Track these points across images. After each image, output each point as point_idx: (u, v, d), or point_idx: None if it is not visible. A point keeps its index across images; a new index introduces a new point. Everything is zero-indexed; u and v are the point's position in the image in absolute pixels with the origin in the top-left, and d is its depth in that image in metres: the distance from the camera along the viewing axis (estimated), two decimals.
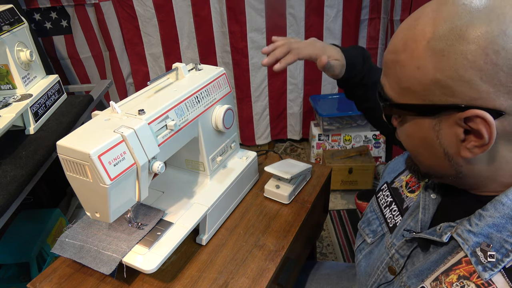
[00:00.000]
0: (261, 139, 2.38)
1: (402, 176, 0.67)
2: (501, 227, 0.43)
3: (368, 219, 0.69)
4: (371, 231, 0.67)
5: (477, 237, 0.45)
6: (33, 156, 1.04)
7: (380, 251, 0.62)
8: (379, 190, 0.70)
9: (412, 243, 0.55)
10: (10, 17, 1.17)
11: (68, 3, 1.90)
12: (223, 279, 0.70)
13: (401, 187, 0.65)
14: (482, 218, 0.45)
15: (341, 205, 1.94)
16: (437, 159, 0.46)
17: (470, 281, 0.44)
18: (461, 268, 0.46)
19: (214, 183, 0.83)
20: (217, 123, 0.80)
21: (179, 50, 2.11)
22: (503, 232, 0.43)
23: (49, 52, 2.02)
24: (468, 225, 0.46)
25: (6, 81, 1.18)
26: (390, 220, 0.63)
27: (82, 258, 0.69)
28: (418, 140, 0.47)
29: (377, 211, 0.68)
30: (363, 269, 0.66)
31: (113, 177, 0.57)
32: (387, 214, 0.64)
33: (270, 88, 2.21)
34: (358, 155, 1.96)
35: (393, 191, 0.66)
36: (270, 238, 0.79)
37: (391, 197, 0.65)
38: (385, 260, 0.60)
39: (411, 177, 0.64)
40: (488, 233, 0.44)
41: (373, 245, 0.65)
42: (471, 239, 0.45)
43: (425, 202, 0.56)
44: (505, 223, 0.43)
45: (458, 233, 0.47)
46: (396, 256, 0.57)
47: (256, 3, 1.93)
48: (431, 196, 0.55)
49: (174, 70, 0.80)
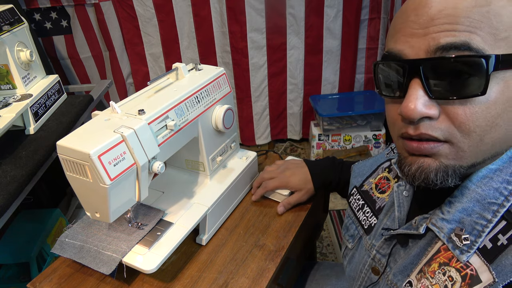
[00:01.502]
0: (261, 139, 2.38)
1: (371, 179, 0.68)
2: (470, 211, 0.45)
3: (346, 224, 0.70)
4: (350, 236, 0.68)
5: (450, 223, 0.47)
6: (33, 156, 1.04)
7: (360, 254, 0.63)
8: (350, 195, 0.71)
9: (391, 241, 0.56)
10: (10, 17, 1.17)
11: (68, 3, 1.90)
12: (223, 279, 0.70)
13: (371, 189, 0.66)
14: (452, 204, 0.47)
15: (341, 205, 1.94)
16: (510, 126, 0.43)
17: (450, 266, 0.46)
18: (441, 256, 0.47)
19: (214, 183, 0.83)
20: (217, 123, 0.80)
21: (179, 50, 2.11)
22: (472, 215, 0.45)
23: (49, 52, 2.02)
24: (440, 213, 0.48)
25: (6, 81, 1.18)
26: (364, 222, 0.64)
27: (82, 258, 0.69)
28: (502, 106, 0.41)
29: (351, 215, 0.69)
30: (348, 274, 0.68)
31: (113, 177, 0.57)
32: (361, 217, 0.65)
33: (270, 88, 2.21)
34: (358, 155, 1.96)
35: (363, 193, 0.67)
36: (270, 238, 0.79)
37: (362, 199, 0.67)
38: (367, 262, 0.61)
39: (380, 179, 0.65)
40: (459, 218, 0.46)
41: (354, 250, 0.67)
42: (445, 226, 0.47)
43: (399, 200, 0.57)
44: (473, 206, 0.45)
45: (433, 222, 0.48)
46: (378, 256, 0.58)
47: (256, 3, 1.93)
48: (404, 194, 0.57)
49: (174, 70, 0.80)
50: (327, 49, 2.13)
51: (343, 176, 0.84)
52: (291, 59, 2.13)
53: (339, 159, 0.88)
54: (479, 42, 0.39)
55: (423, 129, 0.43)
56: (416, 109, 0.42)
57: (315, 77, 2.21)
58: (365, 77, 2.26)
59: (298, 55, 2.13)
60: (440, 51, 0.40)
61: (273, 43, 2.07)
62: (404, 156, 0.48)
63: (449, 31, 0.40)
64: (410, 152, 0.46)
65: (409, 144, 0.45)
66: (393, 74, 0.45)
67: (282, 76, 2.19)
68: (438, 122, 0.42)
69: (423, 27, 0.41)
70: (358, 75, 2.25)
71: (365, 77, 2.26)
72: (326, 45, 2.11)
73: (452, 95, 0.41)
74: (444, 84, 0.41)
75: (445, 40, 0.40)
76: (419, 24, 0.42)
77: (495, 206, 0.44)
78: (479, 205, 0.45)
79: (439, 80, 0.41)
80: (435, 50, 0.40)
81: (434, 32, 0.40)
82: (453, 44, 0.39)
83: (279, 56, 2.11)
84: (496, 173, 0.45)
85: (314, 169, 0.85)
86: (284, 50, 2.10)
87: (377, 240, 0.59)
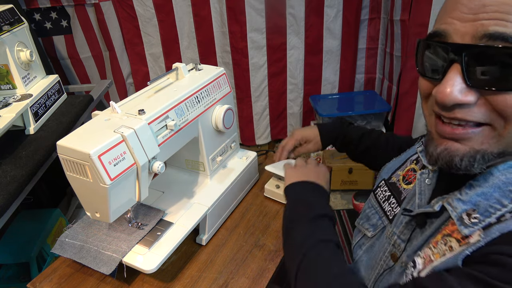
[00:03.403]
0: (261, 139, 2.38)
1: (399, 171, 0.68)
2: (488, 195, 0.45)
3: (367, 215, 0.70)
4: (371, 225, 0.67)
5: (465, 204, 0.47)
6: (33, 156, 1.04)
7: (381, 243, 0.62)
8: (377, 187, 0.70)
9: (411, 225, 0.56)
10: (10, 17, 1.17)
11: (68, 3, 1.90)
12: (223, 279, 0.70)
13: (398, 181, 0.66)
14: (472, 188, 0.47)
15: (341, 205, 1.94)
16: None
17: (451, 237, 0.47)
18: (446, 229, 0.48)
19: (214, 183, 0.83)
20: (217, 123, 0.80)
21: (179, 50, 2.11)
22: (490, 200, 0.45)
23: (49, 52, 2.02)
24: (458, 194, 0.48)
25: (6, 81, 1.18)
26: (389, 213, 0.64)
27: (82, 258, 0.69)
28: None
29: (375, 206, 0.68)
30: (365, 263, 0.66)
31: (113, 177, 0.57)
32: (386, 208, 0.65)
33: (270, 88, 2.21)
34: None
35: (390, 185, 0.67)
36: (270, 238, 0.79)
37: (389, 191, 0.66)
38: (387, 249, 0.60)
39: (407, 171, 0.65)
40: (476, 201, 0.46)
41: (374, 238, 0.66)
42: (459, 206, 0.47)
43: (421, 188, 0.57)
44: (493, 192, 0.45)
45: (449, 202, 0.49)
46: (398, 242, 0.58)
47: (256, 3, 1.93)
48: (426, 182, 0.57)
49: (174, 70, 0.80)
50: (327, 49, 2.12)
51: (349, 134, 0.89)
52: (291, 59, 2.13)
53: (348, 121, 0.93)
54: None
55: (458, 114, 0.42)
56: (452, 95, 0.41)
57: (315, 77, 2.21)
58: (365, 77, 2.26)
59: (298, 55, 2.12)
60: (486, 38, 0.39)
61: (273, 43, 2.07)
62: (433, 137, 0.48)
63: (499, 20, 0.38)
64: (442, 135, 0.46)
65: (442, 128, 0.45)
66: (435, 55, 0.44)
67: (282, 76, 2.19)
68: (477, 107, 0.42)
69: (473, 12, 0.40)
70: (358, 75, 2.25)
71: (365, 77, 2.26)
72: (326, 45, 2.11)
73: (492, 85, 0.40)
74: (486, 73, 0.40)
75: (494, 28, 0.38)
76: (469, 9, 0.40)
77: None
78: (499, 191, 0.45)
79: (481, 68, 0.40)
80: (482, 37, 0.39)
81: (484, 19, 0.39)
82: (502, 34, 0.38)
83: (279, 56, 2.11)
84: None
85: (323, 127, 0.92)
86: (284, 50, 2.10)
87: (398, 227, 0.59)
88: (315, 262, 0.57)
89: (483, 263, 0.42)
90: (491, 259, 0.41)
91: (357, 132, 0.88)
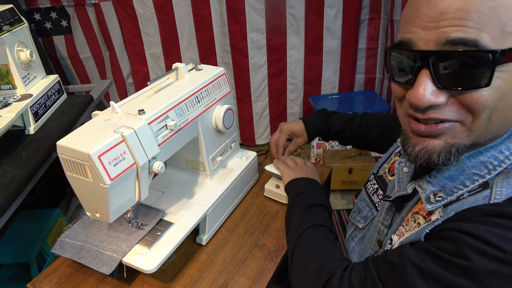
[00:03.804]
0: (261, 139, 2.38)
1: (386, 164, 0.72)
2: (454, 178, 0.50)
3: (359, 208, 0.75)
4: (362, 217, 0.73)
5: (433, 186, 0.52)
6: (33, 156, 1.04)
7: (371, 233, 0.68)
8: (367, 181, 0.76)
9: (392, 211, 0.62)
10: (10, 17, 1.17)
11: (68, 3, 1.90)
12: (223, 279, 0.70)
13: (384, 173, 0.71)
14: (440, 171, 0.52)
15: (341, 205, 1.95)
16: (510, 110, 0.46)
17: (419, 214, 0.53)
18: (416, 207, 0.55)
19: (214, 183, 0.83)
20: (217, 123, 0.80)
21: (179, 50, 2.11)
22: (455, 182, 0.50)
23: (49, 52, 2.02)
24: (428, 177, 0.53)
25: (6, 81, 1.18)
26: (378, 204, 0.69)
27: (82, 258, 0.69)
28: (506, 90, 0.43)
29: (366, 199, 0.73)
30: (358, 254, 0.71)
31: (113, 177, 0.57)
32: (375, 199, 0.70)
33: (270, 88, 2.21)
34: (358, 155, 1.96)
35: (378, 178, 0.72)
36: (270, 238, 0.79)
37: (377, 184, 0.72)
38: (375, 237, 0.66)
39: (392, 163, 0.69)
40: (444, 183, 0.51)
41: (365, 230, 0.71)
42: (428, 188, 0.53)
43: (399, 176, 0.61)
44: (458, 175, 0.50)
45: (420, 184, 0.54)
46: (382, 228, 0.64)
47: (256, 3, 1.93)
48: (404, 170, 0.61)
49: (174, 70, 0.80)
50: (327, 49, 2.13)
51: (332, 127, 0.95)
52: (291, 59, 2.13)
53: (330, 111, 0.98)
54: (487, 40, 0.41)
55: (432, 114, 0.46)
56: (424, 98, 0.44)
57: (315, 77, 2.21)
58: (365, 77, 2.26)
59: (298, 55, 2.13)
60: (449, 44, 0.42)
61: (273, 43, 2.07)
62: (409, 136, 0.51)
63: (459, 26, 0.41)
64: (417, 133, 0.49)
65: (416, 127, 0.48)
66: (404, 62, 0.48)
67: (282, 76, 2.19)
68: (448, 107, 0.45)
69: (434, 20, 0.43)
70: (358, 75, 2.26)
71: (365, 77, 2.26)
72: (326, 45, 2.11)
73: (458, 85, 0.43)
74: (452, 75, 0.43)
75: (456, 35, 0.41)
76: (430, 17, 0.43)
77: (476, 177, 0.49)
78: (464, 174, 0.50)
79: (447, 71, 0.43)
80: (445, 43, 0.42)
81: (445, 26, 0.42)
82: (462, 39, 0.41)
83: (279, 56, 2.11)
84: (487, 149, 0.49)
85: (307, 121, 0.97)
86: (284, 50, 2.10)
87: (381, 214, 0.64)
88: (303, 246, 0.65)
89: (438, 238, 0.47)
90: (444, 234, 0.46)
91: (339, 122, 0.94)
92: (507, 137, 0.48)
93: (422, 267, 0.45)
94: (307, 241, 0.66)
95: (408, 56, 0.46)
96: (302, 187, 0.78)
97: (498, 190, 0.46)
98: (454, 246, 0.44)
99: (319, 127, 0.96)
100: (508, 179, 0.46)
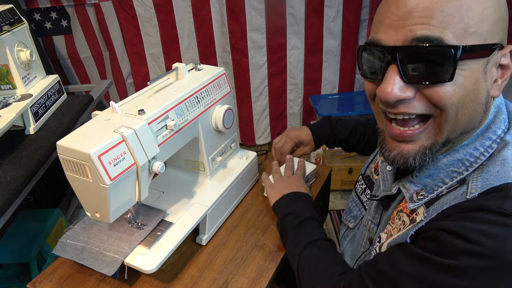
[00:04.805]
0: (261, 139, 2.38)
1: (372, 164, 0.75)
2: (435, 176, 0.53)
3: (349, 208, 0.77)
4: (352, 217, 0.75)
5: (416, 186, 0.55)
6: (33, 156, 1.04)
7: (361, 231, 0.70)
8: (356, 182, 0.78)
9: (380, 209, 0.65)
10: (10, 17, 1.17)
11: (68, 3, 1.90)
12: (223, 279, 0.70)
13: (371, 173, 0.73)
14: (421, 171, 0.55)
15: (341, 205, 1.94)
16: (478, 106, 0.49)
17: (403, 212, 0.56)
18: (400, 206, 0.58)
19: (214, 183, 0.83)
20: (217, 123, 0.80)
21: (179, 50, 2.11)
22: (436, 180, 0.53)
23: (49, 52, 2.02)
24: (410, 177, 0.57)
25: (6, 81, 1.18)
26: (366, 204, 0.71)
27: (84, 259, 0.68)
28: (469, 88, 0.46)
29: (355, 199, 0.76)
30: (350, 253, 0.73)
31: (113, 177, 0.57)
32: (363, 199, 0.73)
33: (270, 88, 2.21)
34: (358, 155, 1.96)
35: (366, 178, 0.75)
36: (270, 238, 0.79)
37: (364, 184, 0.74)
38: (365, 235, 0.68)
39: (378, 163, 0.70)
40: (425, 182, 0.54)
41: (355, 229, 0.73)
42: (411, 187, 0.56)
43: (383, 175, 0.64)
44: (438, 173, 0.53)
45: (403, 184, 0.58)
46: (371, 226, 0.66)
47: (256, 3, 1.93)
48: (387, 168, 0.63)
49: (174, 70, 0.80)
50: (327, 49, 2.12)
51: (338, 135, 0.96)
52: (291, 59, 2.13)
53: (334, 118, 0.99)
54: (450, 38, 0.44)
55: (402, 109, 0.49)
56: (392, 93, 0.47)
57: (315, 77, 2.21)
58: None
59: (298, 55, 2.12)
60: (415, 41, 0.45)
61: (273, 43, 2.07)
62: (386, 140, 0.54)
63: (424, 24, 0.44)
64: (393, 137, 0.52)
65: (392, 131, 0.51)
66: (374, 60, 0.50)
67: (282, 76, 2.18)
68: (416, 101, 0.48)
69: (402, 19, 0.46)
70: (358, 75, 2.25)
71: None
72: (326, 45, 2.11)
73: (424, 80, 0.46)
74: (418, 70, 0.46)
75: (421, 32, 0.44)
76: (398, 16, 0.46)
77: (455, 174, 0.52)
78: (443, 172, 0.53)
79: (413, 66, 0.46)
80: (412, 40, 0.45)
81: (412, 24, 0.45)
82: (427, 37, 0.44)
83: (279, 56, 2.11)
84: (462, 147, 0.52)
85: (314, 129, 0.97)
86: (284, 50, 2.10)
87: (370, 213, 0.67)
88: (304, 265, 0.66)
89: (423, 239, 0.49)
90: (428, 235, 0.48)
91: (345, 130, 0.95)
92: (480, 133, 0.51)
93: (413, 275, 0.48)
94: (308, 264, 0.66)
95: (377, 53, 0.49)
96: (286, 208, 0.76)
97: (474, 185, 0.48)
98: (439, 246, 0.46)
99: (326, 136, 0.96)
100: (482, 174, 0.48)
